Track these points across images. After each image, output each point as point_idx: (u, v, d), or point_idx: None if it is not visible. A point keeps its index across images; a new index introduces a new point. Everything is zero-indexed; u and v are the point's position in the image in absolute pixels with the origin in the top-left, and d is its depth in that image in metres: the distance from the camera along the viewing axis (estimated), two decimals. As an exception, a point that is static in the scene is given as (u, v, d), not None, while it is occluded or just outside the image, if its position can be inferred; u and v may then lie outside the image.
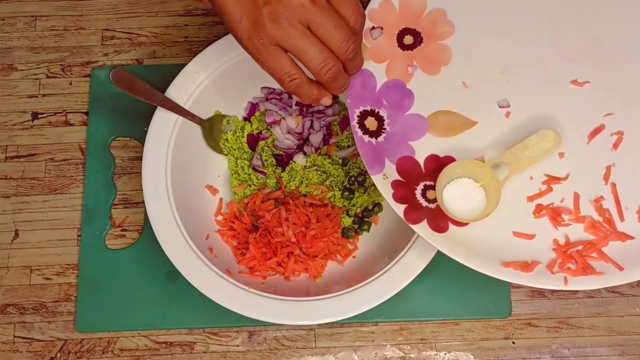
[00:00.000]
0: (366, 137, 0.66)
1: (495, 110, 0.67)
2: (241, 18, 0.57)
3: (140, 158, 0.76)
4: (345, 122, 0.77)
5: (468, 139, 0.66)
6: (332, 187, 0.75)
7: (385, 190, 0.64)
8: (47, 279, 0.76)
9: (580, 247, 0.63)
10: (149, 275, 0.75)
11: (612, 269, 0.62)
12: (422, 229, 0.64)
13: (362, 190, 0.75)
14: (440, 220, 0.64)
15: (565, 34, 0.68)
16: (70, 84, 0.82)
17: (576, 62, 0.67)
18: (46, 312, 0.75)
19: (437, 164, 0.66)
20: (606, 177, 0.65)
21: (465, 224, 0.64)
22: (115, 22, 0.84)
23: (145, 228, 0.76)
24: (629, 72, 0.67)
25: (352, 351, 0.73)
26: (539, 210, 0.64)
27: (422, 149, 0.66)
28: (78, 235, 0.77)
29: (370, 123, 0.66)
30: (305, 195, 0.74)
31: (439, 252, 0.67)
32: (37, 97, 0.82)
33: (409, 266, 0.68)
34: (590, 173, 0.65)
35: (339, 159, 0.76)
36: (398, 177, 0.65)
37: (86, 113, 0.81)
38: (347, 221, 0.75)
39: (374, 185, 0.76)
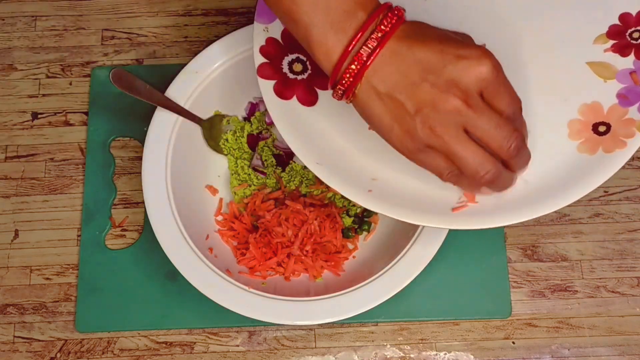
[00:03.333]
0: None
1: None
2: (392, 126, 0.55)
3: (140, 158, 0.76)
4: (345, 122, 0.77)
5: None
6: (332, 187, 0.75)
7: (258, 40, 0.65)
8: (47, 279, 0.76)
9: None
10: (149, 275, 0.75)
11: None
12: (267, 85, 0.64)
13: (362, 190, 0.75)
14: (291, 89, 0.64)
15: None
16: (70, 84, 0.82)
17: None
18: (46, 312, 0.75)
19: None
20: None
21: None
22: (115, 22, 0.84)
23: (145, 228, 0.76)
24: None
25: (352, 351, 0.73)
26: None
27: None
28: (78, 235, 0.77)
29: None
30: (305, 195, 0.74)
31: (438, 252, 0.68)
32: (37, 97, 0.82)
33: (409, 266, 0.68)
34: None
35: (339, 159, 0.76)
36: (278, 38, 0.65)
37: (86, 113, 0.81)
38: (347, 221, 0.75)
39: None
